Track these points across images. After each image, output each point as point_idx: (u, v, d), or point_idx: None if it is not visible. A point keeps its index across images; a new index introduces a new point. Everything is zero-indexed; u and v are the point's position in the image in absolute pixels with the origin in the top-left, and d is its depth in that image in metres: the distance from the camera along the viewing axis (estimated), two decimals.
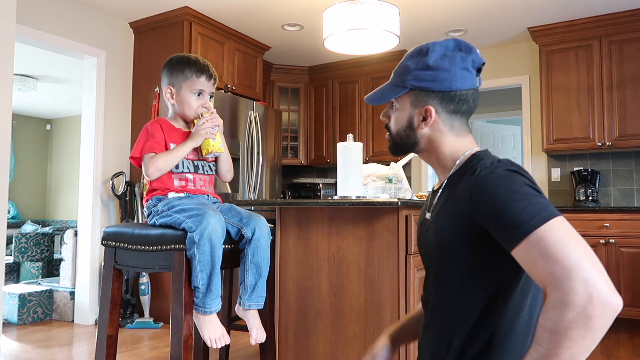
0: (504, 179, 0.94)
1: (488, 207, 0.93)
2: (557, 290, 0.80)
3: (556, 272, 0.81)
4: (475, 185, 0.97)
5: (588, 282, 0.78)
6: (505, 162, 0.98)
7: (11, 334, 3.62)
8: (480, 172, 0.97)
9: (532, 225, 0.86)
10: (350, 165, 2.31)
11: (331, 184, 5.56)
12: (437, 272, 1.09)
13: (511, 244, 0.89)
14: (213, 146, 1.87)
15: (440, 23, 4.32)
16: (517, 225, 0.88)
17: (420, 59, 1.10)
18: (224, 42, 4.41)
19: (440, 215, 1.07)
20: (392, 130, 1.18)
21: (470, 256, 1.00)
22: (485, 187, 0.95)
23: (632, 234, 3.66)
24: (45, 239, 5.25)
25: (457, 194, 1.02)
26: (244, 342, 3.33)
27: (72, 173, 7.69)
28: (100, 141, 4.06)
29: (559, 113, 4.27)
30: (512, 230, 0.88)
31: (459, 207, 1.00)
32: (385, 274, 2.17)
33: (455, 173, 1.09)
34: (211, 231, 1.65)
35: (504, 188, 0.92)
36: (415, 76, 1.10)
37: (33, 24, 3.62)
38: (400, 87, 1.13)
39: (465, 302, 1.01)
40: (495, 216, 0.91)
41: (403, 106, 1.14)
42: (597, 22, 4.13)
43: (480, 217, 0.94)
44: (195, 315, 1.72)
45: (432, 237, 1.09)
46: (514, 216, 0.88)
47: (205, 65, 1.87)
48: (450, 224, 1.03)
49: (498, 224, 0.91)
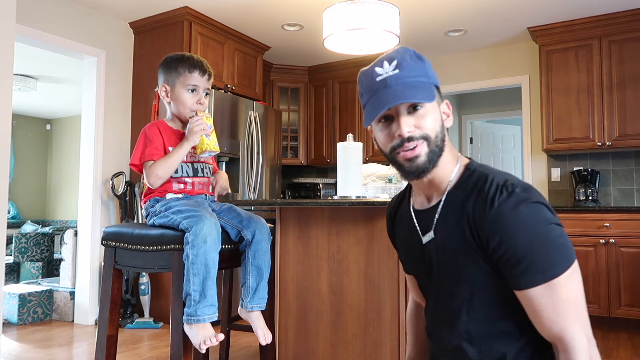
0: (530, 217, 0.93)
1: (510, 243, 0.92)
2: (564, 352, 0.92)
3: (566, 332, 0.91)
4: (495, 223, 0.94)
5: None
6: (520, 188, 0.95)
7: (11, 334, 3.62)
8: (500, 208, 0.94)
9: (553, 274, 0.91)
10: (350, 165, 2.31)
11: (331, 184, 5.56)
12: (461, 298, 1.04)
13: (526, 285, 0.92)
14: (207, 144, 1.82)
15: (440, 23, 4.32)
16: (540, 270, 0.91)
17: (421, 63, 1.07)
18: (224, 42, 4.41)
19: (451, 238, 1.03)
20: (431, 134, 1.04)
21: (493, 275, 0.99)
22: (510, 224, 0.93)
23: (632, 234, 3.66)
24: (45, 239, 5.25)
25: (470, 218, 0.99)
26: (244, 342, 3.33)
27: (72, 173, 7.69)
28: (100, 141, 4.06)
29: (558, 113, 4.27)
30: (532, 274, 0.91)
31: (474, 233, 0.98)
32: (385, 274, 2.17)
33: (455, 190, 1.05)
34: (206, 233, 1.62)
35: (530, 229, 0.92)
36: (432, 75, 1.08)
37: (33, 24, 3.62)
38: (431, 85, 1.06)
39: (502, 321, 1.00)
40: (516, 256, 0.92)
41: (433, 105, 1.06)
42: (597, 22, 4.13)
43: (497, 249, 0.94)
44: (186, 327, 1.61)
45: (442, 259, 1.06)
46: (537, 262, 0.91)
47: (199, 61, 1.85)
48: (466, 246, 1.00)
49: (518, 264, 0.92)
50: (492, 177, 1.00)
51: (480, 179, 1.01)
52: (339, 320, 2.28)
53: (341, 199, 2.22)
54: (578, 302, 0.92)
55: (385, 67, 1.04)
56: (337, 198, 2.25)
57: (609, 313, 3.69)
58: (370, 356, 2.19)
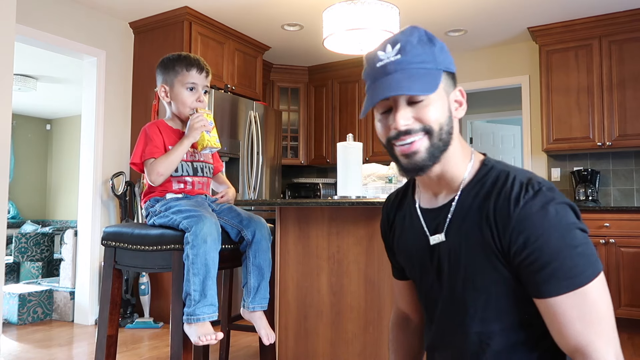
0: (559, 219, 0.86)
1: (535, 245, 0.86)
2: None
3: (593, 346, 0.83)
4: (520, 223, 0.87)
5: None
6: (546, 187, 0.90)
7: (11, 334, 3.62)
8: (526, 207, 0.87)
9: (581, 281, 0.84)
10: (350, 165, 2.31)
11: (331, 184, 5.56)
12: (474, 305, 0.97)
13: (552, 293, 0.85)
14: (208, 141, 1.81)
15: (440, 23, 4.32)
16: (567, 277, 0.84)
17: (432, 46, 0.97)
18: (224, 42, 4.41)
19: (467, 239, 0.95)
20: (434, 126, 0.94)
21: (512, 281, 0.92)
22: (537, 225, 0.86)
23: (632, 234, 3.66)
24: (45, 239, 5.25)
25: (490, 218, 0.91)
26: (244, 342, 3.34)
27: (72, 173, 7.69)
28: (100, 141, 4.06)
29: (558, 113, 4.27)
30: (558, 280, 0.85)
31: (494, 234, 0.91)
32: (385, 274, 2.17)
33: (470, 188, 0.97)
34: (206, 233, 1.62)
35: (558, 232, 0.85)
36: (442, 60, 0.96)
37: (33, 24, 3.62)
38: (438, 71, 0.95)
39: (517, 332, 0.94)
40: (541, 260, 0.85)
41: (438, 94, 0.95)
42: (596, 22, 4.13)
43: (520, 252, 0.88)
44: (186, 327, 1.61)
45: (452, 262, 0.98)
46: (564, 267, 0.84)
47: (196, 59, 1.85)
48: (485, 248, 0.93)
49: (542, 269, 0.86)
50: (514, 175, 0.93)
51: (500, 177, 0.94)
52: (339, 320, 2.28)
53: (341, 199, 2.22)
54: (607, 316, 0.85)
55: (387, 52, 0.95)
56: (337, 198, 2.25)
57: None
58: (370, 356, 2.19)
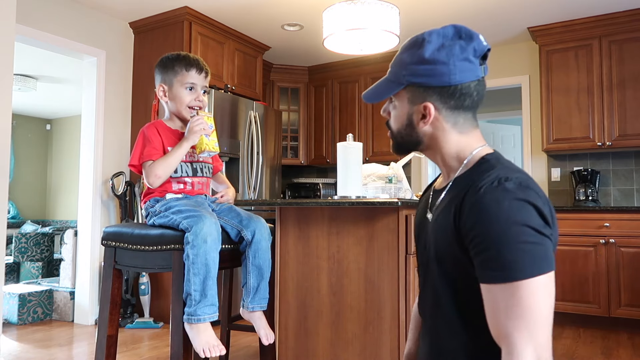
0: (510, 212, 0.86)
1: (481, 229, 0.88)
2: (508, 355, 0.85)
3: (511, 339, 0.84)
4: (474, 206, 0.90)
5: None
6: (515, 184, 0.89)
7: (11, 334, 3.62)
8: (484, 195, 0.89)
9: (514, 276, 0.84)
10: (350, 165, 2.31)
11: (331, 184, 5.56)
12: (436, 277, 1.02)
13: (485, 280, 0.88)
14: (207, 144, 1.81)
15: (440, 23, 4.32)
16: (501, 268, 0.85)
17: (415, 52, 1.01)
18: (224, 42, 4.41)
19: (440, 218, 1.01)
20: (393, 128, 1.10)
21: (467, 263, 0.94)
22: (488, 212, 0.88)
23: (632, 234, 3.66)
24: (45, 239, 5.25)
25: (458, 202, 0.95)
26: (244, 342, 3.34)
27: (72, 173, 7.69)
28: (100, 141, 4.06)
29: (558, 113, 4.27)
30: (493, 269, 0.86)
31: (456, 216, 0.95)
32: (385, 274, 2.17)
33: (462, 176, 1.02)
34: (207, 233, 1.62)
35: (504, 224, 0.86)
36: (411, 71, 1.01)
37: (33, 24, 3.62)
38: (396, 83, 1.04)
39: (468, 309, 0.96)
40: (484, 243, 0.87)
41: (401, 103, 1.06)
42: (596, 22, 4.13)
43: (468, 233, 0.90)
44: (187, 327, 1.62)
45: (431, 239, 1.04)
46: (501, 259, 0.85)
47: (195, 59, 1.85)
48: (447, 229, 0.97)
49: (482, 252, 0.88)
50: (498, 169, 0.95)
51: (487, 170, 0.96)
52: (339, 320, 2.28)
53: (341, 199, 2.22)
54: (538, 315, 0.84)
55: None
56: (337, 198, 2.25)
57: (609, 313, 3.69)
58: (370, 356, 2.19)
